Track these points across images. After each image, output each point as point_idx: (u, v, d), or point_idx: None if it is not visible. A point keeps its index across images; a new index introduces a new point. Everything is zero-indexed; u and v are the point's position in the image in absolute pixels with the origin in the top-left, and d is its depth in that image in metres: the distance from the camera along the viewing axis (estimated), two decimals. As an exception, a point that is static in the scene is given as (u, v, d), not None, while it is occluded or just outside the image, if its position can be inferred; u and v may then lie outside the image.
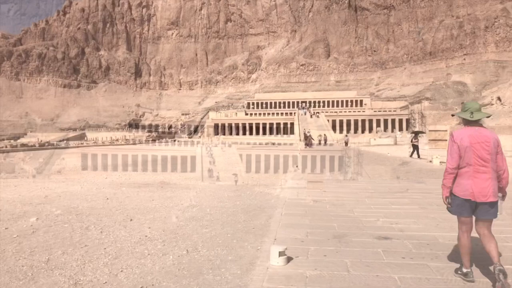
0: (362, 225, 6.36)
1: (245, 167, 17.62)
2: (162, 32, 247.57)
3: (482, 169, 4.00)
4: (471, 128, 4.12)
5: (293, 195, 8.02)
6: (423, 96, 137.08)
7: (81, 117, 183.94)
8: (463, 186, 4.05)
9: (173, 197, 9.72)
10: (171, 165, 19.94)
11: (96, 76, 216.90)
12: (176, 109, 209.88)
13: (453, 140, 4.16)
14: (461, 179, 4.08)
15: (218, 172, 14.68)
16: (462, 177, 4.08)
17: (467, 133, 4.08)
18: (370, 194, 8.77)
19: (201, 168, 17.58)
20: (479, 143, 4.01)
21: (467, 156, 4.03)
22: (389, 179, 10.93)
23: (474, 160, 4.01)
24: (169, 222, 6.96)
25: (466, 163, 4.05)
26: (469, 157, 4.02)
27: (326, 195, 8.13)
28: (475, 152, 4.00)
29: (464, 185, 4.05)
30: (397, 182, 10.39)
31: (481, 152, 4.00)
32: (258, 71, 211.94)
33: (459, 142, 4.08)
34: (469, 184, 4.01)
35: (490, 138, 4.03)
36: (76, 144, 76.68)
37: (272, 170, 15.90)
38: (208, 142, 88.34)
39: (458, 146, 4.07)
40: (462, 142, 4.07)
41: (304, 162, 17.35)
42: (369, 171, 13.07)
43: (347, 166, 14.86)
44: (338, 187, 9.72)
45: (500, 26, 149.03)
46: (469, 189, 4.01)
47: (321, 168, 14.70)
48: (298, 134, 75.03)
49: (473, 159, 4.01)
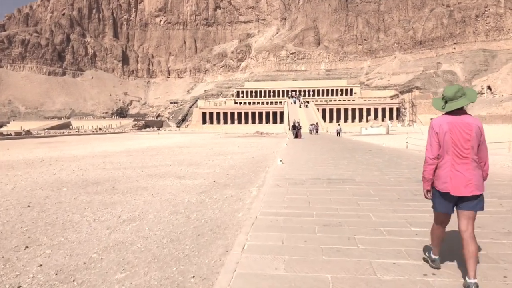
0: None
1: (224, 160, 15.89)
2: (150, 18, 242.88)
3: (463, 160, 3.58)
4: (451, 115, 3.67)
5: (268, 207, 6.49)
6: (413, 85, 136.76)
7: (67, 105, 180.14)
8: (442, 178, 3.64)
9: (118, 202, 7.48)
10: (146, 157, 18.24)
11: (82, 64, 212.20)
12: (165, 97, 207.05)
13: (432, 128, 3.74)
14: (440, 170, 3.67)
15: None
16: (441, 168, 3.66)
17: (447, 120, 3.65)
18: (374, 202, 6.68)
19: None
20: (460, 131, 3.58)
21: (446, 145, 3.62)
22: (393, 179, 9.43)
23: (453, 150, 3.60)
24: (78, 254, 4.58)
25: (445, 153, 3.65)
26: (448, 146, 3.61)
27: (314, 205, 6.64)
28: (454, 141, 3.59)
29: (443, 177, 3.64)
30: (405, 182, 8.76)
31: (461, 141, 3.58)
32: (248, 59, 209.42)
33: (437, 130, 3.67)
34: (448, 176, 3.61)
35: (472, 125, 3.59)
36: (56, 133, 74.23)
37: (253, 164, 14.16)
38: (196, 130, 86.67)
39: (437, 134, 3.67)
40: (441, 129, 3.65)
41: (290, 157, 15.72)
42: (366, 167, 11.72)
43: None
44: (329, 191, 7.69)
45: (491, 15, 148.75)
46: (448, 181, 3.60)
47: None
48: (287, 124, 73.68)
49: (452, 148, 3.60)
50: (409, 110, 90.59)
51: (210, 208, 6.95)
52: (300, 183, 8.90)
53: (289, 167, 11.92)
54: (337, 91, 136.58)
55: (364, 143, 26.18)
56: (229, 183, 9.78)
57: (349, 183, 8.86)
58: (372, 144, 24.65)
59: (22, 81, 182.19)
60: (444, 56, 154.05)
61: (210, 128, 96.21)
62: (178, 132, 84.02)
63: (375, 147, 21.06)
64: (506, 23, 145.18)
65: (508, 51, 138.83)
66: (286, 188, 8.20)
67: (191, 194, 8.36)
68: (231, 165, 13.69)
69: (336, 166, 12.14)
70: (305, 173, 10.52)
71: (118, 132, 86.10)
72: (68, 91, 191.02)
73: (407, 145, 21.89)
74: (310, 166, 12.20)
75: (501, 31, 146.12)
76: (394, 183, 8.80)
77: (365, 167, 11.73)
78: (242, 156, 17.34)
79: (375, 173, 10.31)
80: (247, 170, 12.16)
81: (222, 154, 19.10)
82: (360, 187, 8.25)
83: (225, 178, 10.67)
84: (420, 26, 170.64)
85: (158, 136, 55.89)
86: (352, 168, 11.53)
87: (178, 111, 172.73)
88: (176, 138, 44.67)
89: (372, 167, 11.59)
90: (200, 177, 10.85)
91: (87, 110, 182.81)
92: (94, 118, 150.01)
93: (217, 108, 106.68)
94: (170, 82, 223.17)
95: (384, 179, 9.34)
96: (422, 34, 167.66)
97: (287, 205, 6.57)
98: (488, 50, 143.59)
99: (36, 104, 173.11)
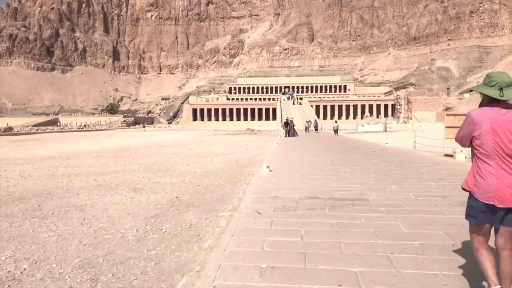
0: None
1: (202, 164, 13.45)
2: (141, 13, 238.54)
3: (509, 165, 2.84)
4: (494, 109, 2.89)
5: (232, 271, 3.80)
6: (408, 81, 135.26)
7: (55, 101, 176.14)
8: (484, 187, 2.89)
9: (18, 237, 5.08)
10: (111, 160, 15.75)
11: (72, 59, 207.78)
12: (156, 93, 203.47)
13: (469, 118, 2.96)
14: (481, 177, 2.92)
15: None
16: (483, 175, 2.91)
17: (489, 116, 2.87)
18: (417, 256, 3.98)
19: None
20: (505, 131, 2.80)
21: (487, 146, 2.87)
22: (423, 199, 6.93)
23: (497, 153, 2.85)
24: None
25: (487, 156, 2.89)
26: (490, 148, 2.86)
27: (314, 263, 4.02)
28: (497, 142, 2.83)
29: (484, 186, 2.89)
30: (445, 206, 6.29)
31: (507, 142, 2.81)
32: (241, 55, 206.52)
33: (476, 122, 2.90)
34: (492, 185, 2.85)
35: None
36: (37, 130, 71.13)
37: (235, 170, 11.68)
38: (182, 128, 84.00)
39: (474, 124, 2.90)
40: (481, 125, 2.87)
41: (280, 160, 13.28)
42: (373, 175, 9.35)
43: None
44: (335, 226, 5.05)
45: (485, 11, 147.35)
46: (492, 191, 2.85)
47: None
48: (280, 121, 71.31)
49: (496, 151, 2.85)
50: (405, 107, 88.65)
51: (144, 257, 4.42)
52: (291, 207, 6.29)
53: (278, 176, 9.54)
54: (330, 87, 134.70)
55: (364, 142, 23.70)
56: (195, 200, 7.35)
57: (362, 206, 6.23)
58: (374, 143, 22.16)
59: (10, 77, 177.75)
60: (439, 52, 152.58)
61: (201, 125, 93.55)
62: (167, 129, 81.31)
63: (378, 147, 18.53)
64: (501, 19, 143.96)
65: (502, 48, 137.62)
66: (270, 219, 5.56)
67: (137, 220, 5.97)
68: (207, 172, 11.25)
69: (338, 174, 9.77)
70: (298, 187, 8.04)
71: (104, 129, 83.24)
72: (57, 87, 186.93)
73: (414, 145, 18.98)
74: (304, 174, 9.80)
75: (495, 28, 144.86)
76: (428, 207, 6.13)
77: (375, 176, 9.33)
78: (225, 158, 14.93)
79: (392, 187, 7.87)
80: (225, 180, 9.74)
81: (203, 155, 16.67)
82: (380, 216, 5.58)
83: (192, 191, 8.26)
84: (414, 22, 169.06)
85: (144, 133, 53.17)
86: (359, 177, 9.12)
87: (169, 108, 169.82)
88: (161, 135, 42.06)
89: (385, 177, 9.20)
90: (162, 190, 8.44)
91: (77, 106, 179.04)
92: (83, 115, 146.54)
93: (208, 105, 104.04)
94: (162, 78, 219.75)
95: (410, 199, 6.72)
96: (416, 30, 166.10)
97: (265, 266, 3.77)
98: (482, 47, 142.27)
99: (23, 100, 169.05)
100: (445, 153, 13.95)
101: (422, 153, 14.85)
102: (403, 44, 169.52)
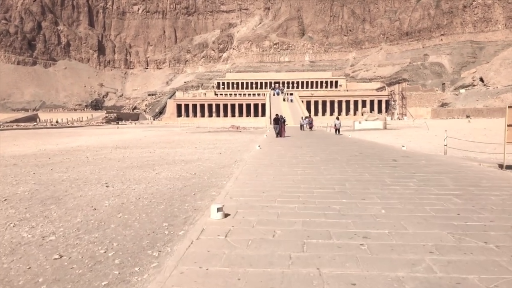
0: None
1: (136, 183, 8.84)
2: (127, 7, 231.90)
3: None
4: None
5: None
6: (400, 77, 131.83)
7: (37, 96, 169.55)
8: None
9: None
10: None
11: (55, 53, 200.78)
12: (143, 89, 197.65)
13: None
14: None
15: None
16: None
17: None
18: None
19: None
20: None
21: None
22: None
23: None
24: None
25: None
26: None
27: None
28: None
29: None
30: None
31: None
32: (230, 50, 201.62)
33: None
34: None
35: None
36: (6, 127, 66.03)
37: (179, 200, 6.74)
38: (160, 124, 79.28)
39: None
40: None
41: (258, 180, 7.80)
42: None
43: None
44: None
45: (478, 6, 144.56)
46: None
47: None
48: (269, 117, 67.02)
49: None
50: (399, 103, 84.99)
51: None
52: None
53: (235, 239, 4.23)
54: (321, 83, 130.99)
55: (371, 143, 18.48)
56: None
57: None
58: (384, 145, 17.16)
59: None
60: (431, 47, 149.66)
61: (186, 121, 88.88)
62: (147, 125, 76.37)
63: (395, 153, 12.99)
64: (494, 14, 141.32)
65: (496, 43, 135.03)
66: None
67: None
68: (127, 204, 6.57)
69: (366, 227, 4.63)
70: (279, 274, 3.17)
71: (79, 126, 78.32)
72: (39, 81, 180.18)
73: (445, 149, 13.60)
74: (296, 228, 4.50)
75: (489, 23, 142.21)
76: None
77: (442, 229, 4.64)
78: (181, 170, 10.47)
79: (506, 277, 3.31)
80: (145, 230, 4.80)
81: (154, 163, 12.24)
82: None
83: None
84: (407, 17, 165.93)
85: (116, 130, 48.40)
86: (413, 240, 4.23)
87: (155, 104, 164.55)
88: (132, 133, 37.39)
89: (465, 232, 4.29)
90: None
91: (59, 102, 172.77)
92: (65, 111, 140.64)
93: (194, 100, 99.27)
94: (149, 73, 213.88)
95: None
96: (408, 25, 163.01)
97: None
98: (475, 42, 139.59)
99: (3, 95, 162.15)
100: (507, 164, 9.50)
101: (466, 163, 9.91)
102: (395, 39, 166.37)
